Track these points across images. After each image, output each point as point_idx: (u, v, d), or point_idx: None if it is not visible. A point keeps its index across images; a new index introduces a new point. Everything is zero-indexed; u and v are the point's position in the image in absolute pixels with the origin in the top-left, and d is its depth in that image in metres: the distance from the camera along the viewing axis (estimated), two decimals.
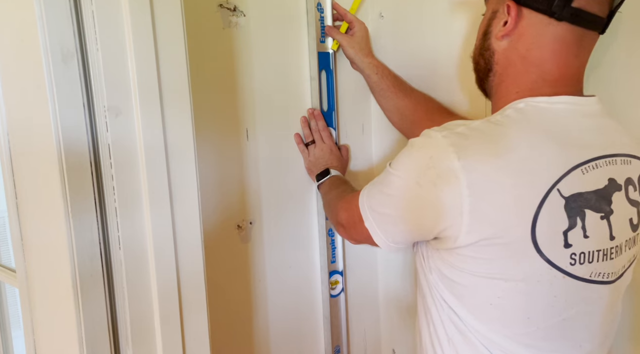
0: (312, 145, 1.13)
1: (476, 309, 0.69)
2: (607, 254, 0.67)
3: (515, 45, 0.71)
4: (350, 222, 0.82)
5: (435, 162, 0.63)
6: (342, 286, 1.22)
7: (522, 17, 0.69)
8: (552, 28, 0.67)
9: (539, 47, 0.69)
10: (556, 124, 0.66)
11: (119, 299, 0.70)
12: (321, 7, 1.13)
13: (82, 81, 0.65)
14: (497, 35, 0.72)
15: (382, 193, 0.72)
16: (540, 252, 0.63)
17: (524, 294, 0.65)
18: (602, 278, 0.68)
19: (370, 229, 0.75)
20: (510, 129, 0.64)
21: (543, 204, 0.62)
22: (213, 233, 1.00)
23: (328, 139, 1.13)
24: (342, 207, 0.87)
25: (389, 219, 0.72)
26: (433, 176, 0.63)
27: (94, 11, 0.64)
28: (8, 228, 0.85)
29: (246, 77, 1.04)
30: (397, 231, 0.72)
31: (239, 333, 1.08)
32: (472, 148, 0.62)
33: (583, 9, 0.66)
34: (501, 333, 0.68)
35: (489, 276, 0.66)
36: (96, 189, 0.67)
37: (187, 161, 0.74)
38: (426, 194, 0.65)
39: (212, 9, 0.98)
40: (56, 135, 0.63)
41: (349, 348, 1.27)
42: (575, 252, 0.65)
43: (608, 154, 0.67)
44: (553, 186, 0.62)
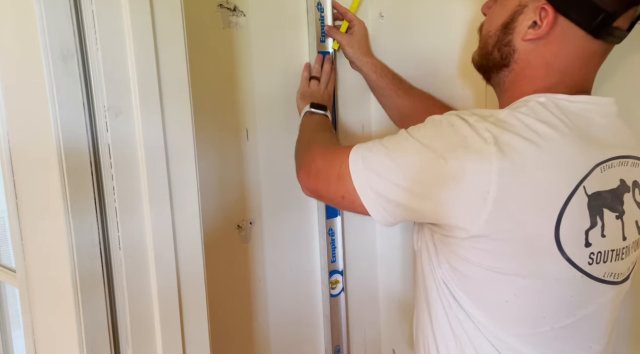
0: (314, 80, 1.11)
1: (489, 307, 0.67)
2: (619, 254, 0.67)
3: (541, 50, 0.68)
4: (326, 174, 0.75)
5: (469, 141, 0.60)
6: (342, 285, 1.22)
7: (557, 24, 0.66)
8: (586, 43, 0.66)
9: (567, 56, 0.67)
10: (578, 121, 0.64)
11: (119, 299, 0.70)
12: (321, 6, 1.13)
13: (82, 81, 0.65)
14: (525, 37, 0.69)
15: (392, 159, 0.66)
16: (562, 251, 0.62)
17: (541, 292, 0.64)
18: (613, 279, 0.67)
19: (363, 196, 0.68)
20: (538, 122, 0.62)
21: (570, 201, 0.60)
22: (213, 233, 1.00)
23: (331, 88, 1.13)
24: (321, 155, 0.79)
25: (394, 189, 0.66)
26: (463, 155, 0.60)
27: (94, 11, 0.64)
28: (8, 228, 0.85)
29: (246, 77, 1.04)
30: (398, 204, 0.66)
31: (239, 333, 1.08)
32: (507, 135, 0.60)
33: (619, 27, 0.65)
34: (513, 332, 0.66)
35: (506, 272, 0.63)
36: (96, 189, 0.67)
37: (187, 161, 0.74)
38: (451, 171, 0.61)
39: (212, 8, 0.98)
40: (56, 135, 0.63)
41: (349, 348, 1.27)
42: (593, 252, 0.64)
43: (621, 155, 0.66)
44: (580, 182, 0.61)
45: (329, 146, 0.83)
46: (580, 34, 0.66)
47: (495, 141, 0.59)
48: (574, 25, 0.65)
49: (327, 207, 1.17)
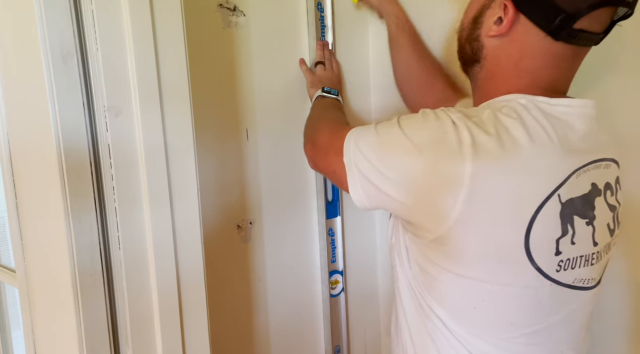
0: (320, 65, 1.11)
1: (458, 312, 0.67)
2: (588, 260, 0.66)
3: (507, 48, 0.67)
4: (325, 147, 0.77)
5: (448, 139, 0.60)
6: (342, 285, 1.22)
7: (519, 22, 0.65)
8: (547, 44, 0.64)
9: (532, 57, 0.66)
10: (558, 126, 0.63)
11: (119, 299, 0.70)
12: (321, 6, 1.13)
13: (82, 81, 0.65)
14: (489, 33, 0.68)
15: (378, 143, 0.66)
16: (531, 260, 0.61)
17: (510, 299, 0.64)
18: (584, 284, 0.67)
19: (348, 172, 0.68)
20: (519, 126, 0.60)
21: (540, 210, 0.59)
22: (213, 233, 1.00)
23: (337, 68, 1.13)
24: (327, 130, 0.81)
25: (375, 171, 0.65)
26: (439, 151, 0.59)
27: (93, 11, 0.64)
28: (8, 228, 0.85)
29: (246, 77, 1.04)
30: (376, 187, 0.66)
31: (239, 333, 1.08)
32: (486, 138, 0.59)
33: (584, 29, 0.62)
34: (483, 337, 0.66)
35: (474, 277, 0.63)
36: (96, 189, 0.67)
37: (187, 161, 0.74)
38: (424, 166, 0.60)
39: (212, 8, 0.98)
40: (56, 135, 0.63)
41: (349, 348, 1.27)
42: (562, 259, 0.63)
43: (596, 159, 0.65)
44: (554, 191, 0.60)
45: (336, 123, 0.85)
46: (541, 34, 0.63)
47: (473, 142, 0.58)
48: (534, 25, 0.63)
49: (327, 207, 1.17)
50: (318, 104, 1.01)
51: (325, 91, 1.03)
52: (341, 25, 1.18)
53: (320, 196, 1.16)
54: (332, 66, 1.12)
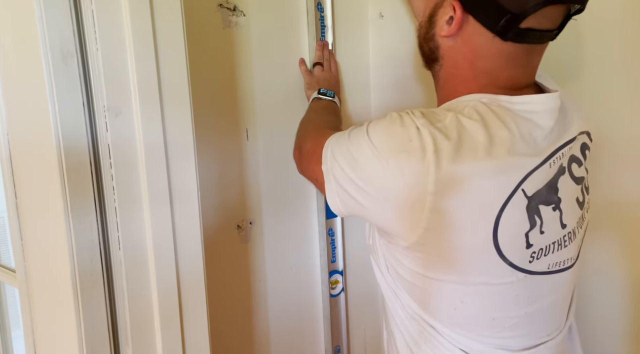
0: (318, 66, 1.11)
1: (438, 314, 0.67)
2: (560, 243, 0.66)
3: (460, 48, 0.66)
4: (309, 155, 0.78)
5: (412, 146, 0.59)
6: (342, 285, 1.22)
7: (467, 23, 0.64)
8: (497, 43, 0.63)
9: (485, 58, 0.65)
10: (521, 124, 0.62)
11: (119, 299, 0.70)
12: (321, 6, 1.13)
13: (82, 81, 0.65)
14: (440, 33, 0.67)
15: (349, 151, 0.66)
16: (502, 257, 0.62)
17: (488, 296, 0.64)
18: (560, 267, 0.67)
19: (326, 180, 0.69)
20: (480, 127, 0.60)
21: (505, 207, 0.59)
22: (213, 233, 1.00)
23: (335, 69, 1.13)
24: (312, 137, 0.81)
25: (348, 179, 0.66)
26: (404, 160, 0.59)
27: (93, 11, 0.64)
28: (8, 228, 0.85)
29: (246, 77, 1.04)
30: (350, 196, 0.66)
31: (239, 333, 1.08)
32: (448, 144, 0.58)
33: (533, 28, 0.60)
34: (468, 336, 0.67)
35: (450, 280, 0.64)
36: (96, 189, 0.67)
37: (187, 161, 0.74)
38: (391, 174, 0.60)
39: (212, 8, 0.98)
40: (56, 135, 0.63)
41: (349, 348, 1.27)
42: (535, 251, 0.64)
43: (564, 143, 0.65)
44: (517, 187, 0.60)
45: (322, 129, 0.85)
46: (489, 35, 0.62)
47: (435, 149, 0.58)
48: (481, 25, 0.62)
49: (327, 208, 1.17)
50: (312, 108, 1.01)
51: (321, 93, 1.03)
52: (341, 25, 1.18)
53: (320, 196, 1.16)
54: (330, 67, 1.12)
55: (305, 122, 0.96)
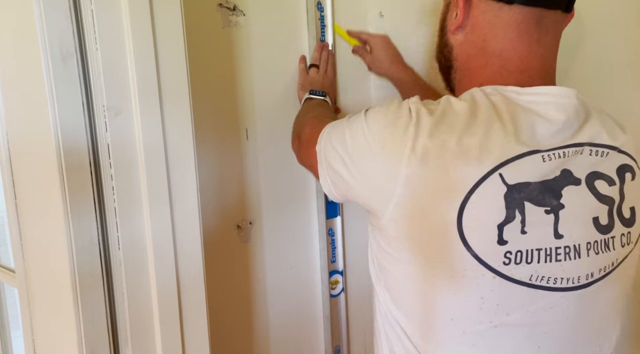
0: (313, 68, 1.12)
1: (405, 306, 0.65)
2: (550, 254, 0.59)
3: (470, 37, 0.67)
4: (308, 142, 0.79)
5: (400, 122, 0.60)
6: (342, 286, 1.22)
7: (472, 6, 0.65)
8: (504, 13, 0.62)
9: (494, 36, 0.64)
10: (520, 114, 0.59)
11: (119, 299, 0.70)
12: (321, 6, 1.13)
13: (82, 81, 0.65)
14: (450, 29, 0.68)
15: (343, 132, 0.67)
16: (466, 245, 0.57)
17: (448, 290, 0.59)
18: (549, 283, 0.59)
19: (319, 163, 0.71)
20: (465, 106, 0.60)
21: (476, 189, 0.56)
22: (213, 233, 1.00)
23: (331, 73, 1.13)
24: (310, 125, 0.83)
25: (338, 157, 0.67)
26: (387, 134, 0.61)
27: (93, 10, 0.64)
28: (8, 228, 0.85)
29: (246, 77, 1.04)
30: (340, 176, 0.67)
31: (239, 333, 1.08)
32: (428, 119, 0.59)
33: None
34: (431, 339, 0.63)
35: (416, 264, 0.61)
36: (95, 189, 0.67)
37: (186, 161, 0.74)
38: (373, 147, 0.61)
39: (211, 8, 0.98)
40: (55, 135, 0.63)
41: (349, 348, 1.27)
42: (511, 251, 0.57)
43: (575, 143, 0.60)
44: (494, 169, 0.56)
45: (320, 117, 0.87)
46: (496, 6, 0.62)
47: (417, 122, 0.59)
48: (486, 0, 0.63)
49: (327, 207, 1.17)
50: (307, 105, 1.03)
51: (313, 93, 1.05)
52: (341, 25, 1.18)
53: (320, 196, 1.16)
54: (325, 70, 1.12)
55: (302, 116, 0.98)
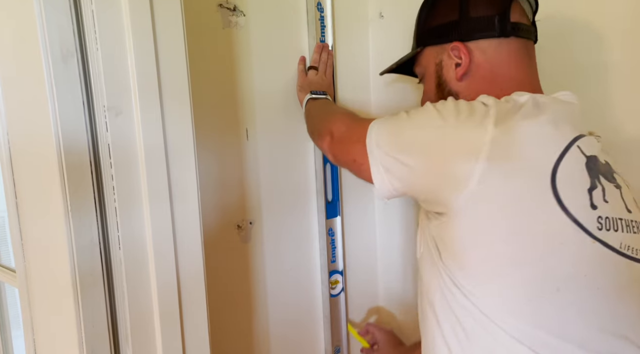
0: (312, 70, 1.12)
1: (494, 287, 0.62)
2: (629, 225, 0.62)
3: (477, 76, 0.75)
4: (347, 138, 0.78)
5: (475, 108, 0.64)
6: (342, 286, 1.22)
7: (473, 50, 0.74)
8: (504, 45, 0.73)
9: (501, 65, 0.73)
10: (560, 104, 0.67)
11: (119, 299, 0.70)
12: (321, 6, 1.13)
13: (82, 81, 0.65)
14: (457, 77, 0.75)
15: (406, 118, 0.69)
16: (563, 208, 0.58)
17: (547, 259, 0.59)
18: (633, 254, 0.61)
19: (370, 158, 0.69)
20: (530, 98, 0.65)
21: (563, 156, 0.61)
22: (213, 233, 1.00)
23: (330, 75, 1.14)
24: (345, 122, 0.82)
25: (395, 147, 0.67)
26: (465, 118, 0.63)
27: (93, 10, 0.64)
28: (8, 228, 0.85)
29: (246, 77, 1.04)
30: (402, 164, 0.66)
31: (239, 333, 1.08)
32: (506, 105, 0.63)
33: (519, 22, 0.73)
34: (528, 320, 0.60)
35: (503, 239, 0.60)
36: (96, 189, 0.67)
37: (187, 161, 0.74)
38: (449, 131, 0.63)
39: (211, 8, 0.98)
40: (56, 134, 0.63)
41: (349, 348, 1.27)
42: (601, 216, 0.60)
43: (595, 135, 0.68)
44: (573, 141, 0.63)
45: (351, 115, 0.87)
46: (495, 42, 0.74)
47: (497, 108, 0.62)
48: (485, 40, 0.74)
49: (327, 207, 1.17)
50: (314, 106, 1.02)
51: (315, 93, 1.05)
52: (341, 25, 1.18)
53: (320, 195, 1.16)
54: (324, 72, 1.12)
55: (323, 113, 0.95)
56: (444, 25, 0.77)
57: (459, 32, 0.75)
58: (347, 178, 1.23)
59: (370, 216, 1.32)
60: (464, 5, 0.75)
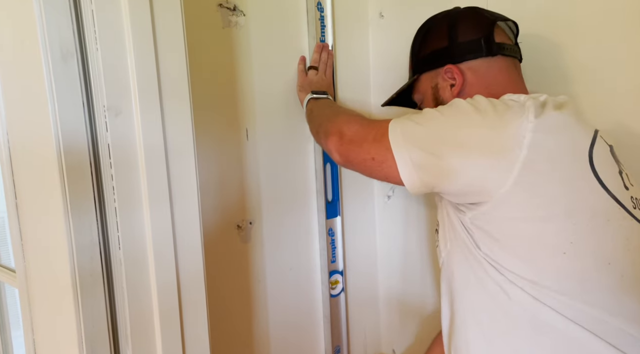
0: (312, 70, 1.12)
1: (543, 266, 0.64)
2: None
3: (471, 92, 0.79)
4: (361, 137, 0.77)
5: (512, 104, 0.67)
6: (342, 286, 1.22)
7: (465, 70, 0.80)
8: (493, 63, 0.80)
9: (493, 80, 0.79)
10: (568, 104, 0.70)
11: (119, 299, 0.70)
12: (321, 6, 1.13)
13: (82, 81, 0.65)
14: (453, 95, 0.80)
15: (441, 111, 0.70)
16: (605, 187, 0.63)
17: (597, 234, 0.62)
18: None
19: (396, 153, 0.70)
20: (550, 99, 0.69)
21: (594, 144, 0.66)
22: (213, 233, 1.00)
23: (329, 75, 1.14)
24: (356, 121, 0.81)
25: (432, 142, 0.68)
26: (503, 111, 0.66)
27: (93, 10, 0.64)
28: (8, 228, 0.85)
29: (246, 77, 1.04)
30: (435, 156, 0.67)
31: (239, 333, 1.08)
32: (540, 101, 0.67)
33: (502, 42, 0.80)
34: (580, 298, 0.62)
35: (552, 219, 0.62)
36: (96, 189, 0.67)
37: (187, 161, 0.74)
38: (491, 122, 0.65)
39: (211, 8, 0.98)
40: (56, 134, 0.63)
41: (349, 348, 1.27)
42: (633, 196, 0.66)
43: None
44: (596, 132, 0.69)
45: (360, 115, 0.88)
46: (484, 61, 0.80)
47: (534, 102, 0.66)
48: (474, 61, 0.80)
49: (327, 207, 1.17)
50: (317, 106, 1.01)
51: (315, 93, 1.05)
52: (341, 25, 1.18)
53: (320, 196, 1.16)
54: (325, 72, 1.12)
55: (326, 115, 0.94)
56: (436, 52, 0.84)
57: (450, 56, 0.82)
58: (347, 178, 1.23)
59: (370, 216, 1.32)
60: (452, 32, 0.82)
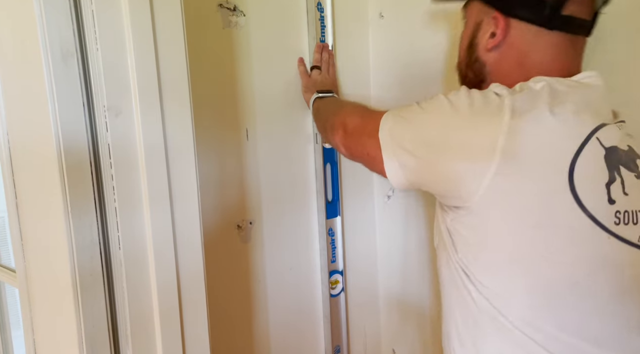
0: (316, 70, 1.12)
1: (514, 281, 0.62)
2: None
3: (506, 54, 0.70)
4: (360, 131, 0.76)
5: (489, 99, 0.62)
6: (342, 285, 1.22)
7: (511, 27, 0.69)
8: (545, 36, 0.68)
9: (534, 52, 0.69)
10: (580, 89, 0.64)
11: (119, 299, 0.70)
12: (321, 6, 1.13)
13: (82, 81, 0.65)
14: (487, 47, 0.72)
15: (418, 109, 0.67)
16: (581, 205, 0.58)
17: (567, 253, 0.59)
18: None
19: (383, 148, 0.68)
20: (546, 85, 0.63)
21: (581, 151, 0.59)
22: (213, 233, 1.00)
23: (333, 73, 1.14)
24: (358, 114, 0.80)
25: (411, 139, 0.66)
26: (479, 109, 0.61)
27: (93, 10, 0.64)
28: (8, 228, 0.85)
29: (246, 77, 1.04)
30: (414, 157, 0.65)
31: (239, 333, 1.08)
32: (521, 95, 0.61)
33: (573, 15, 0.66)
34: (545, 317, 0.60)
35: (525, 231, 0.60)
36: (96, 189, 0.67)
37: (187, 161, 0.74)
38: (465, 121, 0.62)
39: (212, 8, 0.98)
40: (56, 135, 0.63)
41: (349, 348, 1.27)
42: (619, 210, 0.60)
43: (619, 121, 0.66)
44: (592, 133, 0.60)
45: (363, 107, 0.86)
46: (535, 29, 0.68)
47: (512, 98, 0.60)
48: (526, 23, 0.68)
49: (327, 207, 1.17)
50: (323, 104, 1.01)
51: (321, 93, 1.05)
52: (341, 25, 1.18)
53: (320, 196, 1.16)
54: (327, 71, 1.12)
55: (332, 110, 0.92)
56: None
57: (505, 1, 0.70)
58: (347, 178, 1.23)
59: (370, 216, 1.32)
60: None
